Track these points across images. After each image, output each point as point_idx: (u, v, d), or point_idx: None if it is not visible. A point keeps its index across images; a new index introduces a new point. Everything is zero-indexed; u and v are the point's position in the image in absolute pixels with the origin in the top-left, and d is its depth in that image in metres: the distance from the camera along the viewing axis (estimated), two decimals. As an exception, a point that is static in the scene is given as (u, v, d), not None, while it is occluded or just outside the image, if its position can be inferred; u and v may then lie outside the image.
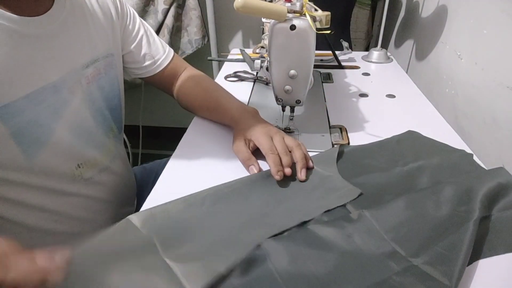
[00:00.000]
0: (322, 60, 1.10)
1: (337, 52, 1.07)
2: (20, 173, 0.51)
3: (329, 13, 0.57)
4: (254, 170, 0.56)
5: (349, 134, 0.69)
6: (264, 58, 0.70)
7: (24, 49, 0.48)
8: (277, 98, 0.64)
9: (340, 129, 0.71)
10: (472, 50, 0.79)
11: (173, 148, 0.66)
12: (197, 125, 0.74)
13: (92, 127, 0.61)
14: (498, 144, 0.67)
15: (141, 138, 1.59)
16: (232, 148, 0.62)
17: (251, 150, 0.60)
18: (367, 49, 1.38)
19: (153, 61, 0.73)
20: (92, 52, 0.60)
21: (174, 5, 1.39)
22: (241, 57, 1.08)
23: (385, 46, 1.45)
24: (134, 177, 0.80)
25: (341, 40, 1.11)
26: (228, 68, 1.05)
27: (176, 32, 1.46)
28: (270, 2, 0.57)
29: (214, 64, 1.58)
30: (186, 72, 0.78)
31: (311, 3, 0.61)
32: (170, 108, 1.68)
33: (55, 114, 0.53)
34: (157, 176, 0.58)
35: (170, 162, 0.61)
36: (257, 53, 1.08)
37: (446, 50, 0.92)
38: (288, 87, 0.61)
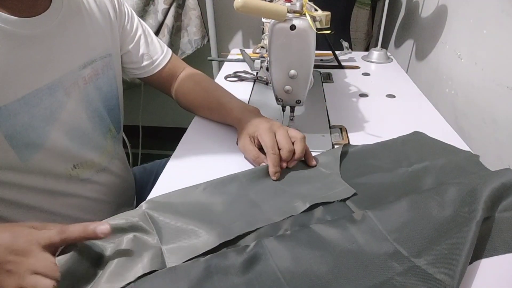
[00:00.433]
0: (322, 60, 1.10)
1: (337, 52, 1.07)
2: (16, 174, 0.51)
3: (329, 13, 0.57)
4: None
5: (349, 134, 0.69)
6: (264, 58, 0.70)
7: (20, 51, 0.48)
8: (277, 98, 0.64)
9: (340, 129, 0.71)
10: (472, 50, 0.79)
11: (173, 148, 0.66)
12: (197, 125, 0.74)
13: (88, 129, 0.61)
14: (498, 144, 0.67)
15: (140, 138, 1.59)
16: (237, 146, 0.63)
17: (257, 147, 0.60)
18: (367, 49, 1.38)
19: (151, 61, 0.72)
20: (89, 52, 0.59)
21: (174, 5, 1.39)
22: (241, 57, 1.08)
23: (385, 46, 1.45)
24: (133, 177, 0.80)
25: (341, 40, 1.10)
26: (228, 68, 1.05)
27: (176, 32, 1.46)
28: (270, 2, 0.57)
29: (214, 64, 1.58)
30: (185, 72, 0.78)
31: (311, 3, 0.61)
32: (170, 108, 1.68)
33: (50, 116, 0.53)
34: (157, 176, 0.58)
35: (170, 162, 0.61)
36: (257, 53, 1.07)
37: (446, 50, 0.92)
38: (288, 87, 0.61)
